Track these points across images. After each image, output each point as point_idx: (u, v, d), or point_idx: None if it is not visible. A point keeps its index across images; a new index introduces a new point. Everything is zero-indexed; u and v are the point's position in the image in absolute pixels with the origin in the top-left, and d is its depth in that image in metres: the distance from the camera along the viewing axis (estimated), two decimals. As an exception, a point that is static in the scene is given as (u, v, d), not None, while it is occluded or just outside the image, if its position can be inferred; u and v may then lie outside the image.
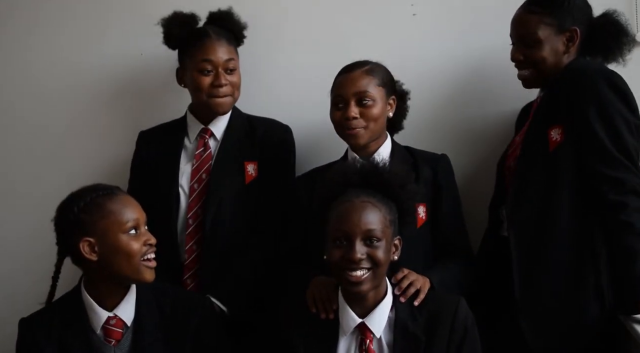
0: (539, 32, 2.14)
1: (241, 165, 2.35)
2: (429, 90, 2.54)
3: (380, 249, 1.82)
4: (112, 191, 1.92)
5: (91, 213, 1.87)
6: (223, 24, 2.37)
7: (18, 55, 2.71)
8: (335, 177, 1.92)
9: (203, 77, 2.30)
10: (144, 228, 1.91)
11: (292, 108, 2.53)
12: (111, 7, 2.66)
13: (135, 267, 1.88)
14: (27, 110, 2.71)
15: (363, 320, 1.86)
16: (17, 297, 2.54)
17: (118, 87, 2.67)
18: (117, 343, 1.92)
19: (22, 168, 2.71)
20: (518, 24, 2.19)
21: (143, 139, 2.47)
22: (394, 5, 2.57)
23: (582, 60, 2.17)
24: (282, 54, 2.61)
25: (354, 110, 2.14)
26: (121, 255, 1.87)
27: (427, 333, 1.85)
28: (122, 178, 2.48)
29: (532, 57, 2.16)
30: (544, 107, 2.16)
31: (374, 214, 1.83)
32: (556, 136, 2.09)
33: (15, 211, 2.72)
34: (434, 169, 2.20)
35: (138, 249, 1.87)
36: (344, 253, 1.81)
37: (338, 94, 2.18)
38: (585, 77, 2.08)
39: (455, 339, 1.84)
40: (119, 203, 1.90)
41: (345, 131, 2.16)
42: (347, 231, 1.81)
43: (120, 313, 1.93)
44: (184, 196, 2.33)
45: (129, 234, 1.88)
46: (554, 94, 2.13)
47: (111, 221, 1.87)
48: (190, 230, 2.30)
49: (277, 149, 2.38)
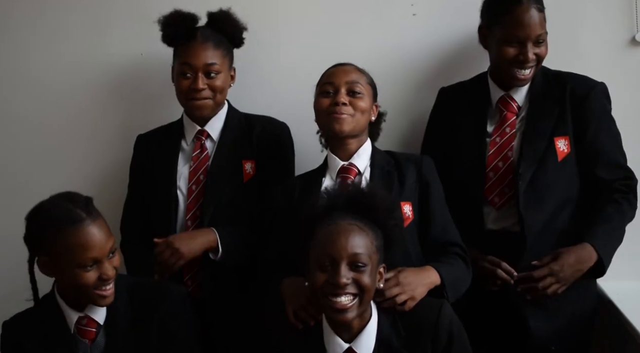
0: (545, 31, 2.20)
1: (239, 163, 2.34)
2: (428, 90, 2.54)
3: (366, 274, 1.75)
4: (79, 218, 1.84)
5: (51, 236, 1.83)
6: (220, 25, 2.36)
7: (17, 55, 2.70)
8: (319, 199, 1.86)
9: (183, 79, 2.31)
10: (106, 260, 1.86)
11: (292, 108, 2.52)
12: (111, 8, 2.65)
13: (87, 295, 1.87)
14: (27, 111, 2.70)
15: (350, 345, 1.81)
16: (14, 298, 2.53)
17: (118, 87, 2.67)
18: (92, 342, 1.92)
19: (20, 169, 2.71)
20: (536, 24, 2.18)
21: (141, 142, 2.48)
22: (394, 5, 2.57)
23: (578, 76, 2.29)
24: (282, 54, 2.61)
25: (344, 97, 2.12)
26: (72, 283, 1.86)
27: (411, 347, 1.80)
28: (121, 179, 2.49)
29: (541, 55, 2.22)
30: (546, 117, 2.25)
31: (360, 238, 1.76)
32: (563, 147, 2.23)
33: (13, 212, 2.70)
34: (417, 167, 2.17)
35: (89, 283, 1.84)
36: (328, 278, 1.74)
37: (329, 82, 2.16)
38: (591, 92, 2.24)
39: (439, 347, 1.79)
40: (81, 236, 1.82)
41: (331, 116, 2.12)
42: (332, 255, 1.74)
43: (91, 313, 1.93)
44: (182, 198, 2.33)
45: (84, 268, 1.84)
46: (558, 105, 2.25)
47: (68, 253, 1.83)
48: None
49: (275, 146, 2.38)
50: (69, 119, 2.68)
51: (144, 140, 2.47)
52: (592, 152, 2.24)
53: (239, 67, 2.43)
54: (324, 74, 2.21)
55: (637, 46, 2.35)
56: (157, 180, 2.36)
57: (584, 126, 2.24)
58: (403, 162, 2.17)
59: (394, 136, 2.51)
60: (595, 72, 2.35)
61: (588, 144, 2.24)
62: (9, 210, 2.68)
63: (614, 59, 2.48)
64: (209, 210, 2.29)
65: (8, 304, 2.52)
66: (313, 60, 2.53)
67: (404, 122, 2.53)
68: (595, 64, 2.45)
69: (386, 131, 2.32)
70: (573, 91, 2.25)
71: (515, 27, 2.17)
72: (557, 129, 2.24)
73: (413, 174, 2.15)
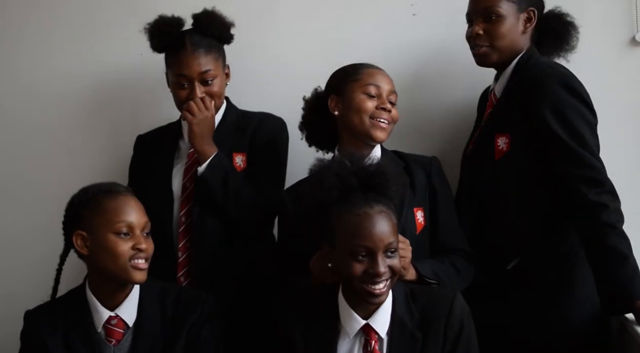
0: (502, 6, 2.18)
1: (229, 156, 2.34)
2: (429, 90, 2.54)
3: (397, 258, 1.82)
4: (118, 190, 1.93)
5: (89, 208, 1.90)
6: (206, 28, 2.34)
7: (16, 55, 2.71)
8: (330, 180, 1.86)
9: (180, 90, 2.31)
10: (139, 233, 1.90)
11: (291, 107, 2.53)
12: (111, 8, 2.66)
13: (121, 268, 1.88)
14: (25, 112, 2.70)
15: (367, 321, 1.84)
16: (17, 297, 2.54)
17: (118, 88, 2.67)
18: (117, 343, 1.92)
19: (19, 170, 2.71)
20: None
21: (140, 143, 2.49)
22: (394, 5, 2.57)
23: (539, 63, 2.17)
24: (282, 54, 2.61)
25: (389, 105, 2.13)
26: (108, 254, 1.88)
27: (424, 329, 1.84)
28: (120, 179, 2.47)
29: (493, 31, 2.19)
30: (495, 113, 2.20)
31: (390, 225, 1.81)
32: (503, 145, 2.14)
33: (11, 214, 2.72)
34: (426, 172, 2.17)
35: (125, 251, 1.87)
36: (367, 268, 1.78)
37: (374, 84, 2.13)
38: (539, 84, 2.09)
39: (451, 335, 1.83)
40: (118, 203, 1.91)
41: (375, 121, 2.12)
42: (369, 247, 1.78)
43: (122, 313, 1.93)
44: (177, 195, 2.33)
45: (118, 235, 1.88)
46: (508, 99, 2.17)
47: (104, 219, 1.88)
48: (182, 228, 2.31)
49: (268, 138, 2.37)
50: (68, 120, 2.69)
51: (143, 140, 2.49)
52: None
53: (239, 66, 2.43)
54: (363, 71, 2.17)
55: (637, 46, 2.35)
56: (154, 178, 2.37)
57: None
58: (412, 164, 2.18)
59: (393, 135, 2.50)
60: (595, 72, 2.35)
61: None
62: (8, 210, 2.70)
63: (614, 59, 2.48)
64: (198, 204, 2.29)
65: (9, 303, 2.54)
66: (313, 61, 2.55)
67: (403, 121, 2.52)
68: (596, 63, 2.44)
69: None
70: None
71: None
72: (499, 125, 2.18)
73: (422, 178, 2.16)
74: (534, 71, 2.14)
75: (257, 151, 2.36)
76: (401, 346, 1.83)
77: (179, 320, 1.95)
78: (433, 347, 1.83)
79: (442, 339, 1.83)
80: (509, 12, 2.19)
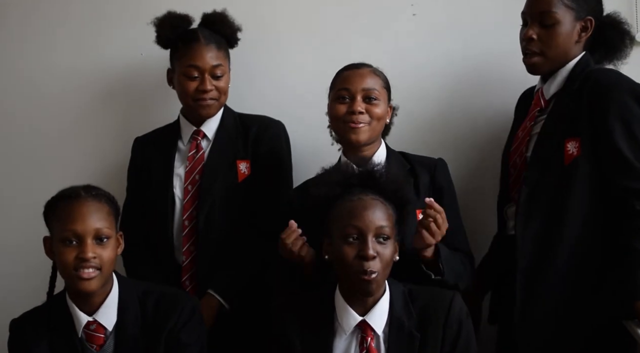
0: (558, 12, 2.08)
1: (233, 163, 2.34)
2: (429, 90, 2.54)
3: (389, 248, 1.83)
4: (76, 195, 1.87)
5: (50, 213, 1.90)
6: (216, 27, 2.35)
7: (15, 56, 2.70)
8: (334, 177, 1.92)
9: (189, 81, 2.30)
10: (90, 241, 1.84)
11: (292, 107, 2.53)
12: (111, 8, 2.66)
13: (68, 276, 1.86)
14: (24, 113, 2.70)
15: (364, 318, 1.85)
16: (12, 300, 2.52)
17: (117, 88, 2.66)
18: (100, 348, 1.90)
19: (18, 171, 2.71)
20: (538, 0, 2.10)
21: (138, 145, 2.47)
22: (394, 5, 2.57)
23: (605, 70, 2.11)
24: (282, 53, 2.61)
25: (361, 105, 2.11)
26: (58, 262, 1.88)
27: (422, 329, 1.84)
28: (119, 180, 2.48)
29: (547, 39, 2.10)
30: (561, 116, 2.09)
31: (384, 212, 1.85)
32: (573, 149, 2.03)
33: (9, 215, 2.71)
34: (431, 174, 2.17)
35: (69, 261, 1.84)
36: (357, 251, 1.80)
37: (344, 88, 2.13)
38: (611, 90, 2.02)
39: (449, 335, 1.84)
40: (69, 209, 1.86)
41: (348, 125, 2.11)
42: (360, 227, 1.81)
43: (100, 318, 1.91)
44: (178, 199, 2.33)
45: (64, 243, 1.84)
46: (574, 103, 2.06)
47: (56, 226, 1.87)
48: (186, 231, 2.30)
49: (270, 145, 2.37)
50: (67, 121, 2.68)
51: (141, 142, 2.47)
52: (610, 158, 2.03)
53: (238, 68, 2.43)
54: (339, 76, 2.18)
55: (637, 46, 2.35)
56: (154, 181, 2.36)
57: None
58: (417, 166, 2.18)
59: (394, 135, 2.50)
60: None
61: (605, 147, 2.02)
62: (8, 211, 2.68)
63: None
64: (204, 209, 2.28)
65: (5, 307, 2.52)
66: (313, 61, 2.55)
67: (405, 122, 2.52)
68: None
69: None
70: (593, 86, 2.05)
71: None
72: (569, 129, 2.06)
73: (427, 179, 2.16)
74: (603, 77, 2.06)
75: (260, 158, 2.36)
76: (399, 345, 1.84)
77: (158, 325, 1.92)
78: (432, 347, 1.83)
79: (440, 339, 1.84)
80: (565, 20, 2.09)
